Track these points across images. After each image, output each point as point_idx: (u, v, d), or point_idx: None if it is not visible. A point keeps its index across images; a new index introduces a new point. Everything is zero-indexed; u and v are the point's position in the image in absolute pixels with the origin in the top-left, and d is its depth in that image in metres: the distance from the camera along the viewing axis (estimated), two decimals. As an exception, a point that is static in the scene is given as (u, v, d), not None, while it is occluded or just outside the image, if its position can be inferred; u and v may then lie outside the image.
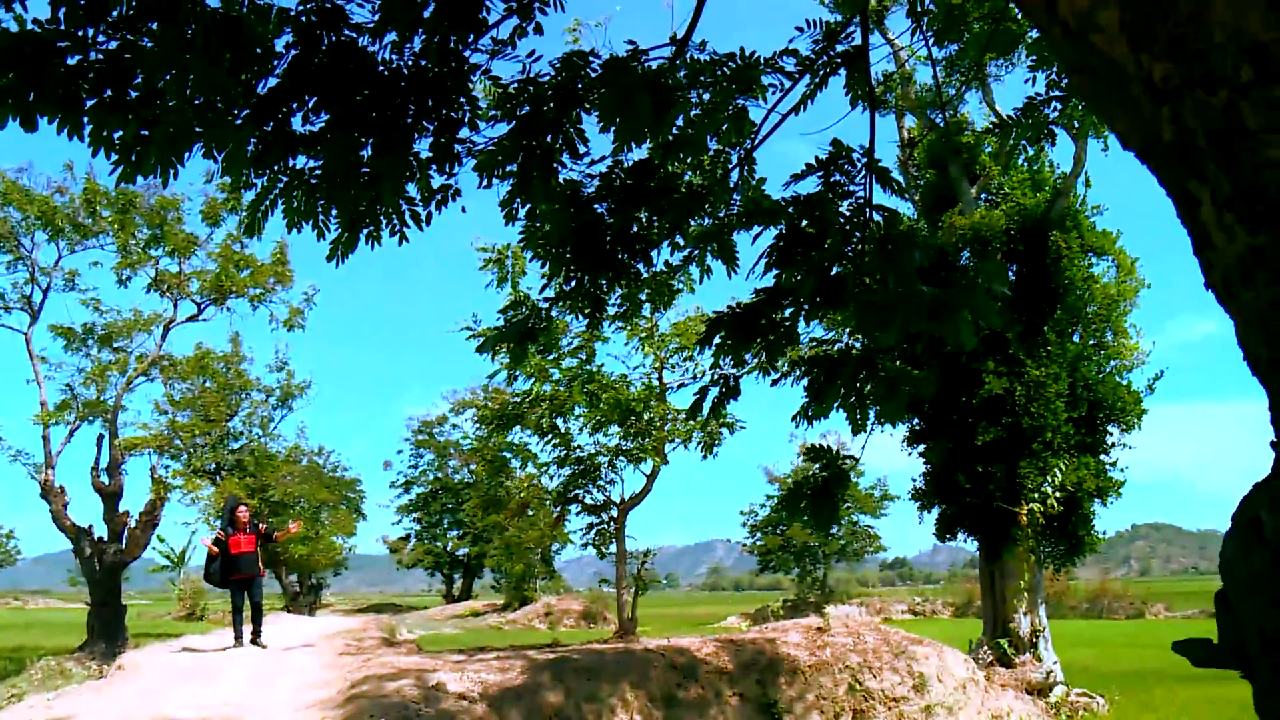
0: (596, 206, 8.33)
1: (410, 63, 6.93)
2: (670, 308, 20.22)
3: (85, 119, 5.85)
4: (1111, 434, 20.81)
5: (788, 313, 8.28)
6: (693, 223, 8.88)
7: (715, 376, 8.40)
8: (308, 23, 6.55)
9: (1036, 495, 19.30)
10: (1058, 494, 19.33)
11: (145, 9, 5.70)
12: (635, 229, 8.54)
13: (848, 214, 8.03)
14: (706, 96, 8.05)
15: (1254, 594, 2.62)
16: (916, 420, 21.30)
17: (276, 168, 6.99)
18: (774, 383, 8.29)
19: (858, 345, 8.85)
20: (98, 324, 32.91)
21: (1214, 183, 2.60)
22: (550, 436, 22.50)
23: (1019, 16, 9.25)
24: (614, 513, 23.89)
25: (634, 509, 23.77)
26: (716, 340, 8.05)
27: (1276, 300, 2.58)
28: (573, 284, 8.59)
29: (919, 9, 9.30)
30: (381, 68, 6.85)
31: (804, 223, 8.06)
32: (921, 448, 21.50)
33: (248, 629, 19.92)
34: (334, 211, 7.34)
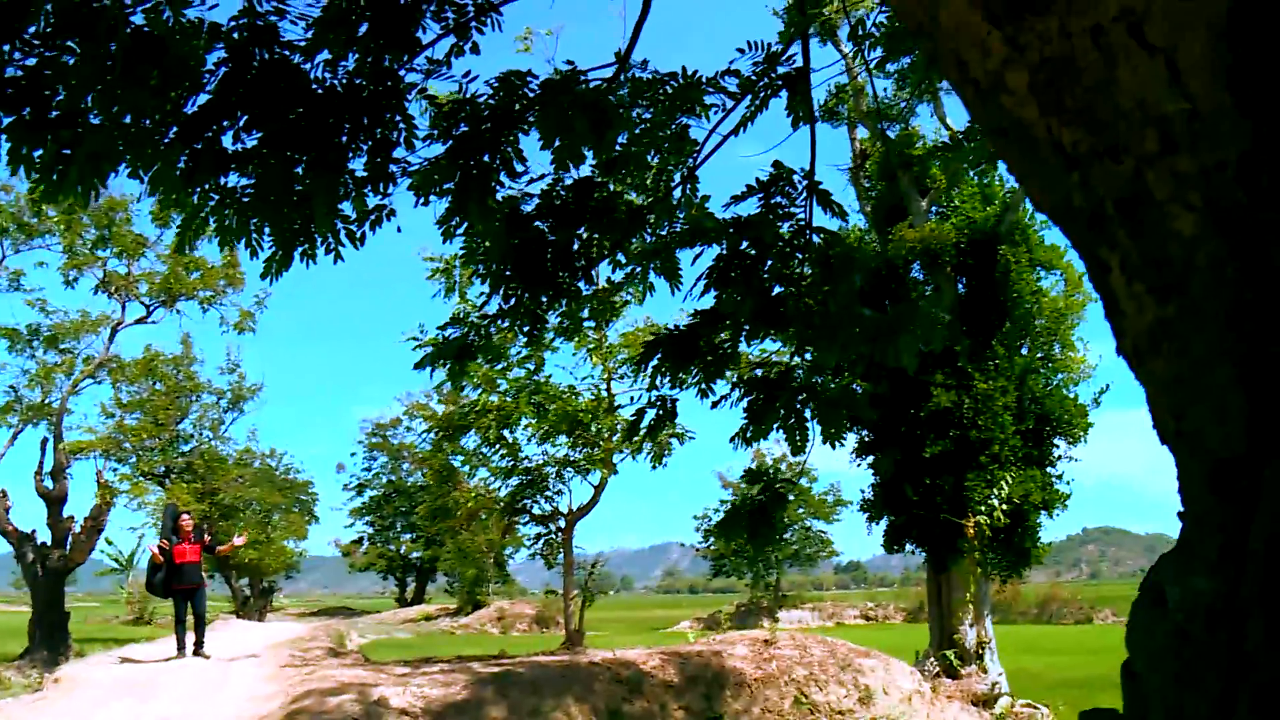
0: (537, 224, 8.26)
1: (344, 81, 6.84)
2: (612, 324, 20.30)
3: (3, 137, 5.72)
4: (1058, 447, 20.99)
5: (727, 334, 8.26)
6: (635, 240, 8.85)
7: (653, 398, 8.36)
8: (240, 40, 6.44)
9: (983, 507, 19.40)
10: (1004, 506, 19.44)
11: (64, 26, 5.58)
12: (576, 246, 8.48)
13: (788, 235, 8.02)
14: (648, 115, 8.02)
15: (1158, 667, 2.59)
16: (865, 432, 21.36)
17: (207, 186, 6.85)
18: (714, 405, 8.25)
19: (804, 362, 8.84)
20: (44, 325, 32.49)
21: (1123, 251, 2.57)
22: (498, 446, 22.37)
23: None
24: (561, 523, 23.80)
25: (583, 519, 23.76)
26: (654, 361, 8.01)
27: (1183, 374, 2.56)
28: (512, 301, 8.50)
29: (860, 33, 9.31)
30: (316, 86, 6.75)
31: (744, 244, 8.04)
32: (870, 459, 21.56)
33: (191, 638, 19.66)
34: (267, 230, 7.23)
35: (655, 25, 8.83)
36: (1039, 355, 21.32)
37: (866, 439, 21.43)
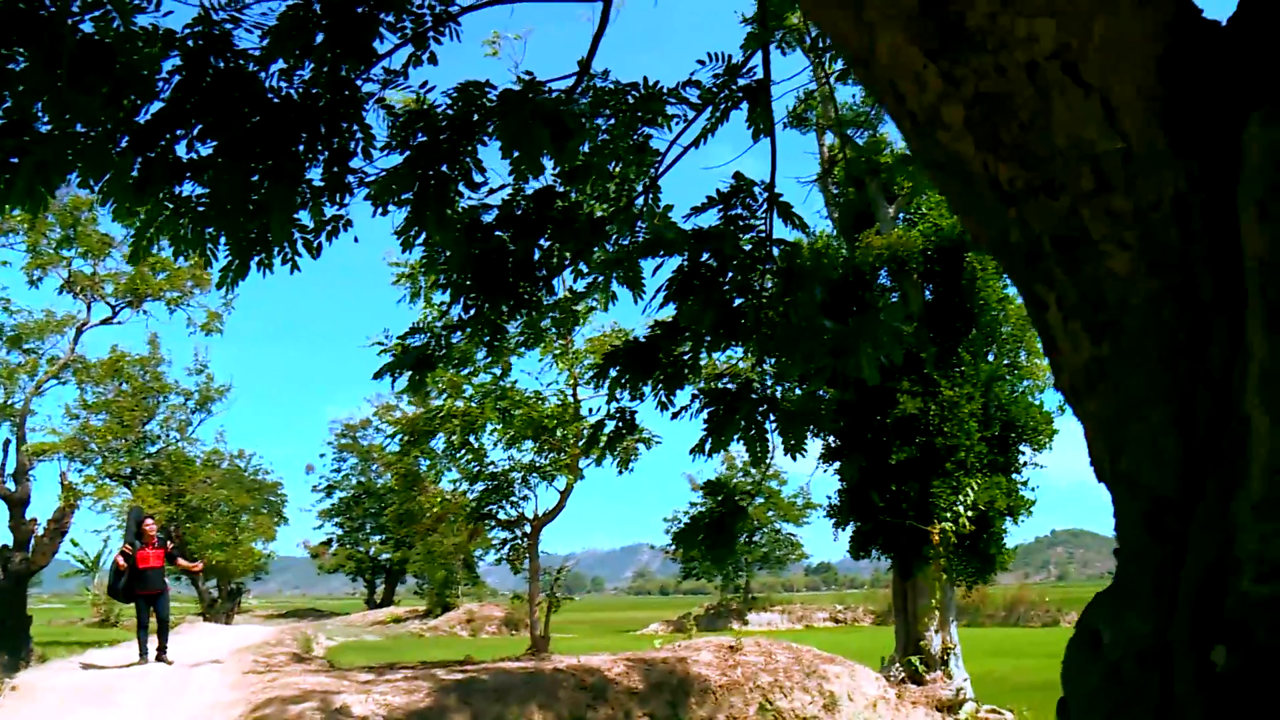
0: (498, 234, 8.21)
1: (301, 90, 6.78)
2: (578, 330, 20.25)
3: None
4: (1024, 453, 21.09)
5: (688, 346, 8.23)
6: (597, 250, 8.81)
7: (612, 410, 8.32)
8: (194, 47, 6.36)
9: (949, 514, 19.45)
10: (970, 513, 19.50)
11: (7, 32, 5.49)
12: (537, 256, 8.43)
13: (749, 247, 8.00)
14: (610, 125, 7.99)
15: (1092, 707, 2.58)
16: (832, 438, 21.39)
17: (161, 196, 6.76)
18: (674, 416, 8.22)
19: (767, 371, 8.81)
20: (7, 325, 32.16)
21: (1060, 289, 2.56)
22: (464, 452, 22.25)
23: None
24: (527, 529, 23.71)
25: (550, 522, 23.69)
26: (614, 373, 7.97)
27: (1120, 413, 2.54)
28: (473, 311, 8.44)
29: (821, 45, 9.31)
30: (272, 95, 6.69)
31: (705, 255, 8.01)
32: (837, 465, 21.58)
33: (153, 644, 19.53)
34: (223, 239, 7.15)
35: (621, 35, 8.79)
36: (1005, 362, 21.40)
37: (833, 445, 21.45)
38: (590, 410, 20.90)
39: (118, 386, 41.78)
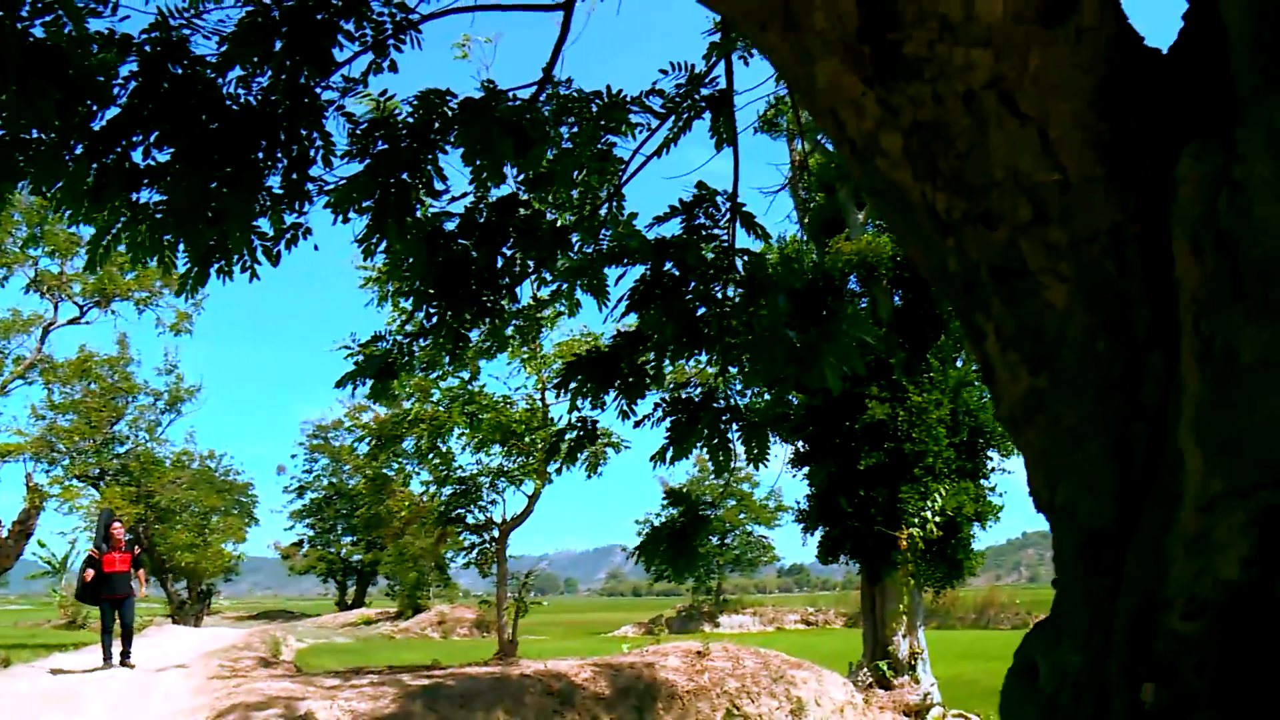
0: (460, 241, 8.16)
1: (259, 97, 6.72)
2: (546, 334, 20.17)
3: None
4: (991, 459, 21.15)
5: (650, 355, 8.21)
6: (561, 257, 8.77)
7: (573, 419, 8.29)
8: (152, 53, 6.29)
9: (917, 520, 19.49)
10: (938, 518, 19.55)
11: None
12: (500, 264, 8.39)
13: (711, 257, 7.98)
14: (574, 132, 7.96)
15: (1029, 742, 2.57)
16: (801, 443, 21.39)
17: (118, 203, 6.69)
18: (636, 424, 8.19)
19: (730, 377, 8.79)
20: (-30, 325, 31.83)
21: (998, 319, 2.55)
22: (432, 456, 22.12)
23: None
24: (495, 533, 23.61)
25: (519, 526, 23.58)
26: (575, 383, 7.94)
27: (1057, 444, 2.53)
28: (435, 319, 8.40)
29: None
30: (230, 102, 6.63)
31: (667, 265, 7.99)
32: (806, 470, 21.59)
33: (118, 648, 19.39)
34: (181, 246, 7.08)
35: (593, 40, 8.77)
36: (973, 368, 21.45)
37: (802, 450, 21.46)
38: (558, 417, 20.89)
39: (86, 386, 41.41)
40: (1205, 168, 2.13)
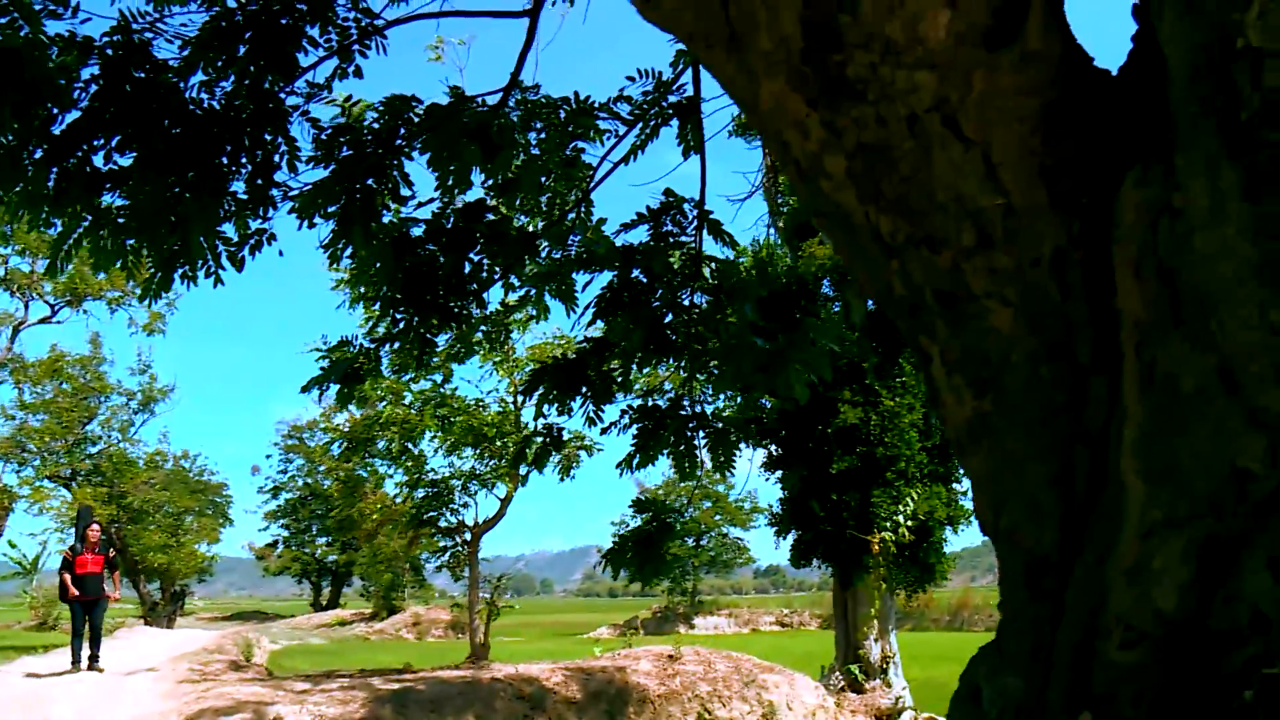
0: (428, 247, 8.12)
1: (223, 102, 6.67)
2: (512, 339, 20.03)
3: None
4: (964, 463, 21.15)
5: (618, 362, 8.18)
6: (529, 263, 8.73)
7: (539, 426, 8.26)
8: (113, 56, 6.24)
9: (889, 524, 19.52)
10: (910, 523, 19.58)
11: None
12: (468, 270, 8.34)
13: (679, 264, 7.97)
14: (542, 138, 7.93)
15: (973, 766, 2.56)
16: (774, 447, 21.39)
17: (79, 207, 6.62)
18: (603, 431, 8.17)
19: (698, 383, 8.78)
20: (-62, 323, 31.54)
21: (943, 343, 2.53)
22: (404, 458, 22.03)
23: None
24: (467, 536, 23.51)
25: (490, 530, 23.46)
26: (540, 390, 7.91)
27: (1000, 469, 2.52)
28: (401, 325, 8.35)
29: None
30: (194, 106, 6.58)
31: (635, 272, 7.97)
32: (779, 473, 21.58)
33: (87, 651, 19.23)
34: (146, 251, 7.02)
35: (558, 49, 8.75)
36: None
37: (775, 454, 21.46)
38: (530, 420, 20.70)
39: (57, 386, 41.08)
40: (1146, 194, 2.12)
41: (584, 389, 8.00)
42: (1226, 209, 1.99)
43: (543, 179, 8.25)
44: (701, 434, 8.24)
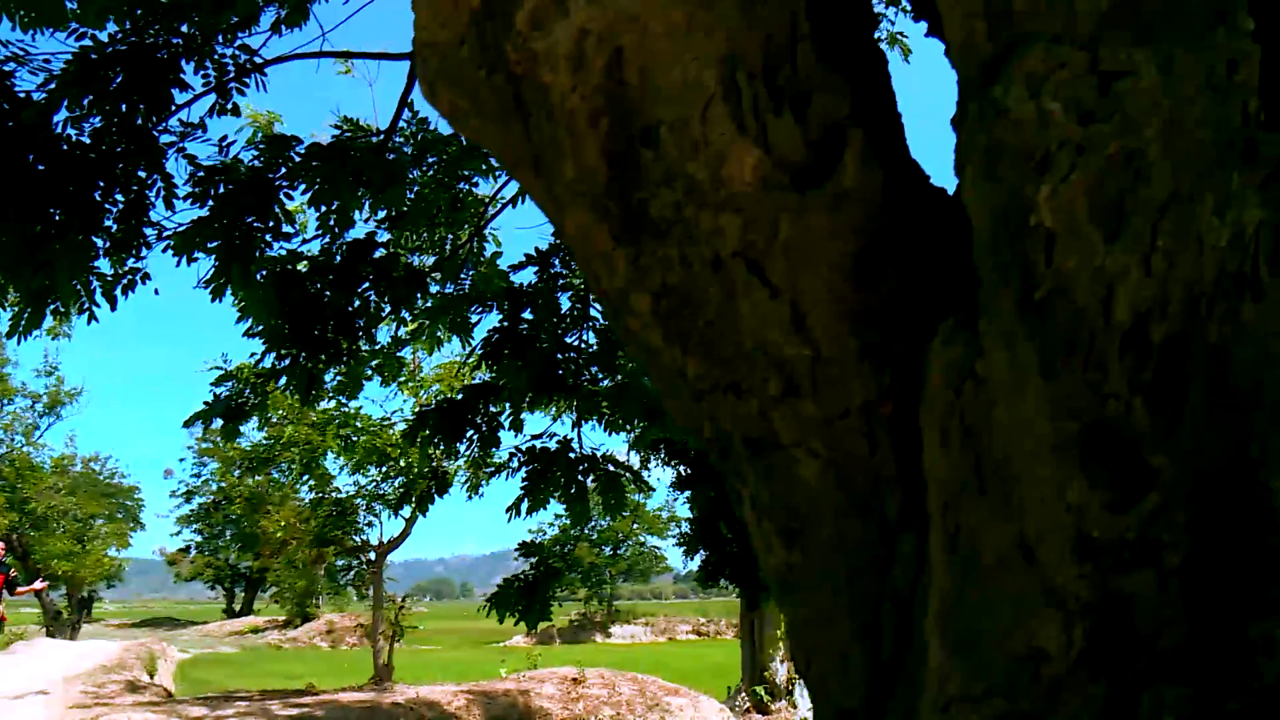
0: (315, 283, 7.94)
1: (92, 138, 6.46)
2: (427, 357, 19.79)
3: None
4: (873, 483, 21.23)
5: (507, 403, 8.07)
6: (421, 298, 8.59)
7: (424, 470, 8.11)
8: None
9: (796, 546, 19.51)
10: (817, 544, 19.59)
11: None
12: (356, 305, 8.17)
13: (567, 306, 7.88)
14: (432, 174, 7.80)
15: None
16: (683, 466, 21.31)
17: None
18: (490, 475, 8.05)
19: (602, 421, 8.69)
20: None
21: (754, 489, 2.44)
22: (306, 478, 21.69)
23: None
24: (372, 556, 23.20)
25: (393, 551, 23.14)
26: (423, 435, 7.77)
27: (810, 620, 2.46)
28: (287, 361, 8.15)
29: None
30: (63, 143, 6.37)
31: (525, 312, 7.87)
32: (689, 493, 21.50)
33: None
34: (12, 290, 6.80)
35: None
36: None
37: (684, 473, 21.38)
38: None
39: (-44, 389, 40.04)
40: (952, 355, 2.05)
41: (469, 433, 7.86)
42: (1026, 385, 1.92)
43: (433, 214, 8.13)
44: (591, 477, 8.13)
